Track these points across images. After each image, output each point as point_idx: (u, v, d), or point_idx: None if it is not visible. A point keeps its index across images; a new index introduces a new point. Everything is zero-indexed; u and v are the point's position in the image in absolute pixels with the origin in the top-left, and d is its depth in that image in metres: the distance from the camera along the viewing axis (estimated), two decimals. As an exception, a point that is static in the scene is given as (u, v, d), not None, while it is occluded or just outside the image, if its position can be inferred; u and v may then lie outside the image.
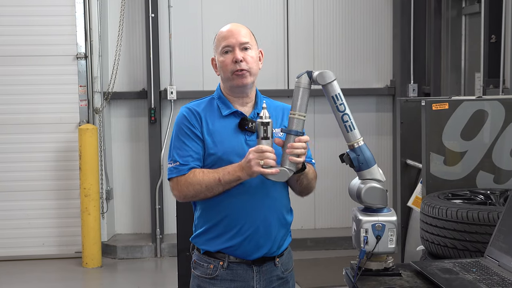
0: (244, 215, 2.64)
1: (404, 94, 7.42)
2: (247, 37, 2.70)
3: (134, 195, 7.61)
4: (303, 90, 2.54)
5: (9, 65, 7.09)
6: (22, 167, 7.14)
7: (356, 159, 2.51)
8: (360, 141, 2.52)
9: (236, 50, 2.66)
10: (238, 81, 2.67)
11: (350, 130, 2.53)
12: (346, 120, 2.53)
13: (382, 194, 2.47)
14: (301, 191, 2.76)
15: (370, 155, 2.52)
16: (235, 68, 2.66)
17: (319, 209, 7.70)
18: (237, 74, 2.66)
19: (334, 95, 2.52)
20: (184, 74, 7.38)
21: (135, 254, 7.25)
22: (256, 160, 2.47)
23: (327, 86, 2.52)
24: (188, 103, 2.79)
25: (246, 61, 2.67)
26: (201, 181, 2.60)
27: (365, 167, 2.51)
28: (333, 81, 2.52)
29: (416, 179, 4.80)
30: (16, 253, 7.14)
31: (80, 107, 7.16)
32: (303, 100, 2.54)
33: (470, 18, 6.70)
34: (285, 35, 7.58)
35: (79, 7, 7.08)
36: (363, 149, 2.52)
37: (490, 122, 3.94)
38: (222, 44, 2.69)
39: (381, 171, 2.54)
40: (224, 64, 2.68)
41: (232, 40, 2.67)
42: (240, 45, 2.67)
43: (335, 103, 2.53)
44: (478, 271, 2.44)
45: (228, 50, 2.68)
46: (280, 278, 2.76)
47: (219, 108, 2.72)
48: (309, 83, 2.54)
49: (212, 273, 2.69)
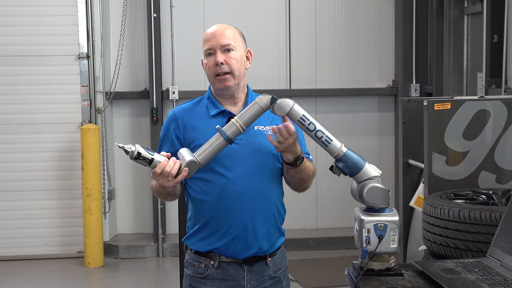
0: (231, 215, 2.64)
1: (406, 94, 7.42)
2: (230, 39, 2.67)
3: (136, 195, 7.62)
4: (258, 108, 2.52)
5: (11, 65, 7.10)
6: (24, 167, 7.14)
7: (346, 166, 2.51)
8: (343, 148, 2.52)
9: (218, 53, 2.65)
10: (220, 84, 2.67)
11: (329, 143, 2.52)
12: (321, 136, 2.52)
13: (384, 193, 2.48)
14: (295, 186, 2.75)
15: (357, 158, 2.51)
16: (216, 71, 2.65)
17: (321, 209, 7.69)
18: (219, 78, 2.66)
19: (299, 118, 2.51)
20: (186, 74, 7.38)
21: (137, 254, 7.25)
22: (165, 179, 2.47)
23: (290, 113, 2.51)
24: (178, 105, 2.83)
25: (228, 63, 2.65)
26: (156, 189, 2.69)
27: (357, 171, 2.51)
28: (292, 106, 2.50)
29: (418, 179, 4.79)
30: (18, 253, 7.15)
31: (82, 107, 7.16)
32: (253, 116, 2.52)
33: (472, 18, 6.69)
34: (287, 34, 7.58)
35: (81, 7, 7.08)
36: (348, 155, 2.51)
37: (492, 122, 3.94)
38: (205, 46, 2.69)
39: (374, 166, 2.53)
40: (207, 67, 2.68)
41: (213, 43, 2.66)
42: (221, 48, 2.65)
43: (303, 125, 2.52)
44: (480, 271, 2.43)
45: (210, 53, 2.67)
46: (272, 278, 2.75)
47: (207, 108, 2.73)
48: (267, 106, 2.52)
49: (203, 272, 2.70)
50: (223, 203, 2.63)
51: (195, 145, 2.63)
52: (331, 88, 7.65)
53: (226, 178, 2.63)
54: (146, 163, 2.50)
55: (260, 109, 2.52)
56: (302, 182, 2.73)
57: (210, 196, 2.65)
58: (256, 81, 6.97)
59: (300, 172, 2.67)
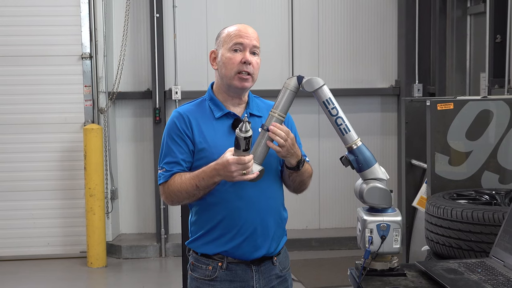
0: (241, 217, 2.62)
1: (409, 94, 7.42)
2: (258, 43, 2.68)
3: (139, 195, 7.62)
4: (289, 93, 2.55)
5: (14, 65, 7.11)
6: (27, 167, 7.15)
7: (355, 160, 2.51)
8: (358, 142, 2.53)
9: (247, 51, 2.63)
10: (239, 83, 2.63)
11: (346, 133, 2.54)
12: (340, 123, 2.54)
13: (385, 194, 2.47)
14: (295, 188, 2.77)
15: (369, 155, 2.51)
16: (241, 68, 2.61)
17: (323, 209, 7.69)
18: (240, 77, 2.62)
19: (325, 100, 2.53)
20: (189, 74, 7.39)
21: (140, 254, 7.26)
22: (239, 171, 2.45)
23: (317, 92, 2.52)
24: (180, 106, 2.77)
25: (253, 65, 2.64)
26: (180, 188, 2.59)
27: (365, 167, 2.50)
28: (322, 86, 2.52)
29: (421, 179, 4.79)
30: (21, 253, 7.16)
31: (85, 107, 7.17)
32: (287, 101, 2.55)
33: (475, 18, 6.69)
34: (290, 35, 7.58)
35: (84, 7, 7.09)
36: (361, 150, 2.52)
37: (495, 122, 3.93)
38: (235, 40, 2.62)
39: (383, 169, 2.53)
40: (231, 62, 2.62)
41: (246, 40, 2.63)
42: (251, 48, 2.64)
43: (327, 108, 2.54)
44: (483, 272, 2.43)
45: (238, 49, 2.63)
46: (279, 277, 2.76)
47: (211, 110, 2.69)
48: (296, 87, 2.55)
49: (211, 274, 2.68)
50: (233, 205, 2.62)
51: (201, 148, 2.62)
52: (333, 88, 7.51)
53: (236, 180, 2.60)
54: (244, 147, 2.42)
55: (291, 92, 2.55)
56: (302, 184, 2.75)
57: (220, 197, 2.63)
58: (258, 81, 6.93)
59: (301, 174, 2.68)
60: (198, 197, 2.61)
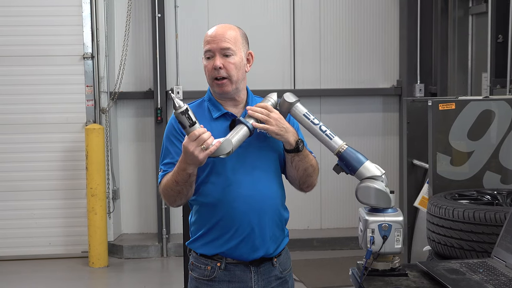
0: (238, 218, 2.62)
1: (411, 94, 7.41)
2: (231, 42, 2.60)
3: (140, 195, 7.63)
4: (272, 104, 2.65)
5: (16, 65, 7.11)
6: (28, 167, 7.16)
7: (345, 164, 2.56)
8: (344, 146, 2.58)
9: (217, 57, 2.60)
10: (218, 89, 2.64)
11: (331, 138, 2.59)
12: (325, 130, 2.61)
13: (377, 193, 2.47)
14: (300, 181, 2.72)
15: (357, 155, 2.56)
16: (214, 75, 2.61)
17: (325, 209, 7.69)
18: (216, 83, 2.63)
19: (305, 112, 2.62)
20: (191, 74, 7.38)
21: (141, 254, 7.26)
22: (197, 148, 2.42)
23: (296, 106, 2.62)
24: None
25: (227, 68, 2.60)
26: (166, 186, 2.60)
27: (356, 168, 2.54)
28: (297, 102, 2.64)
29: (423, 179, 4.79)
30: (23, 253, 7.16)
31: (86, 107, 7.17)
32: None
33: (477, 18, 6.68)
34: (292, 35, 7.58)
35: (86, 7, 7.10)
36: (348, 152, 2.57)
37: (497, 122, 3.93)
38: (205, 48, 2.63)
39: (376, 165, 2.55)
40: (206, 69, 2.64)
41: (213, 45, 2.60)
42: (220, 51, 2.60)
43: (308, 119, 2.61)
44: (485, 272, 2.43)
45: (209, 56, 2.62)
46: (279, 278, 2.75)
47: (209, 110, 2.70)
48: (275, 103, 2.66)
49: (209, 274, 2.68)
50: (230, 205, 2.62)
51: None
52: (335, 88, 7.64)
53: (232, 181, 2.61)
54: (188, 123, 2.42)
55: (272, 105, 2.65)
56: (307, 174, 2.69)
57: (216, 199, 2.63)
58: (260, 81, 6.99)
59: (304, 160, 2.65)
60: (185, 193, 2.59)
